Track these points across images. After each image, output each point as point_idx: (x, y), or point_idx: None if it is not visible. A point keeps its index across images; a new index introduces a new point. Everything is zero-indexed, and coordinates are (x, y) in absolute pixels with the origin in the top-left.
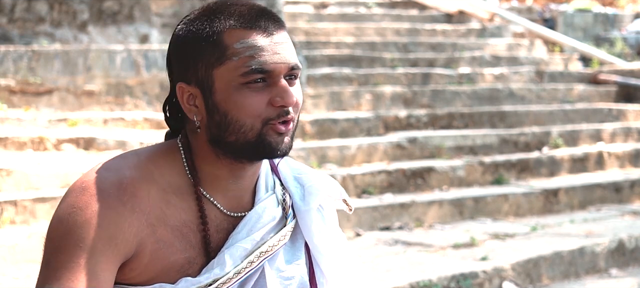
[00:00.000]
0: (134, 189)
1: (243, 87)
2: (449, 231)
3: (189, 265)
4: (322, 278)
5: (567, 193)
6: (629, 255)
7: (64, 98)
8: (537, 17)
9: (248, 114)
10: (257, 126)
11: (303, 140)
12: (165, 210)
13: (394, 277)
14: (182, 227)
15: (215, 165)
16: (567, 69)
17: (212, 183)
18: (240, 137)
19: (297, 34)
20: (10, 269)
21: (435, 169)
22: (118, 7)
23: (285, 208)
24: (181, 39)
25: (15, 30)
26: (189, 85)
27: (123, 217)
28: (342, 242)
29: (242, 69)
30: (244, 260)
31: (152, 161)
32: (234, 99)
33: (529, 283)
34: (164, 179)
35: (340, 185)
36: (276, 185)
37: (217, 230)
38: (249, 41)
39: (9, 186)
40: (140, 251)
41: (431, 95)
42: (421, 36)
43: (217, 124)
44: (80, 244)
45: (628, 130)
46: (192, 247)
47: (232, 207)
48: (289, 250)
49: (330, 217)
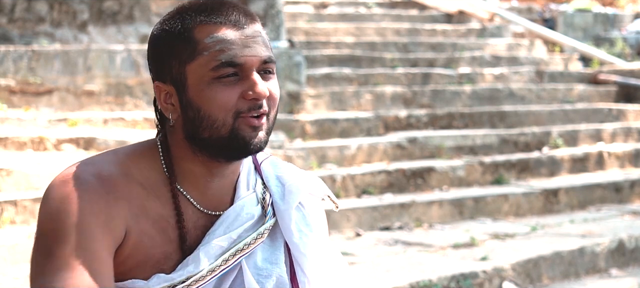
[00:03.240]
0: (114, 182)
1: (214, 82)
2: (449, 231)
3: (164, 260)
4: (303, 277)
5: (567, 193)
6: (629, 255)
7: (64, 98)
8: (537, 17)
9: (220, 108)
10: (229, 121)
11: (303, 140)
12: (145, 202)
13: (394, 277)
14: (161, 221)
15: (192, 163)
16: (567, 69)
17: (190, 181)
18: (213, 132)
19: (297, 34)
20: (10, 269)
21: (435, 169)
22: (118, 7)
23: (265, 207)
24: (156, 38)
25: (15, 30)
26: (165, 84)
27: (110, 204)
28: (327, 243)
29: (213, 63)
30: (219, 259)
31: (129, 158)
32: (206, 93)
33: (529, 283)
34: (142, 175)
35: (323, 183)
36: (257, 183)
37: (194, 227)
38: (218, 35)
39: (9, 186)
40: (126, 240)
41: (431, 95)
42: (421, 36)
43: (191, 120)
44: (76, 230)
45: (628, 130)
46: (170, 242)
47: (210, 204)
48: (267, 249)
49: (313, 217)
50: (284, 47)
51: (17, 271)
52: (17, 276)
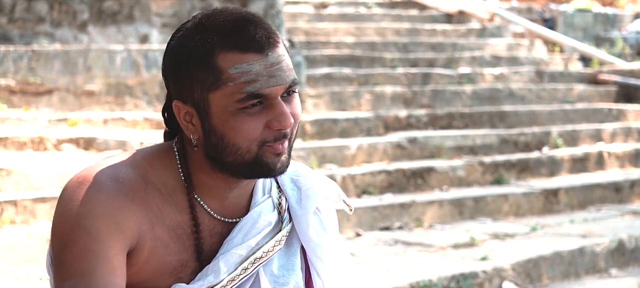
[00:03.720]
0: (131, 183)
1: (239, 112)
2: (449, 231)
3: (181, 268)
4: (319, 282)
5: (567, 193)
6: (629, 255)
7: (64, 98)
8: (537, 17)
9: (245, 138)
10: (254, 149)
11: (303, 140)
12: (162, 208)
13: (394, 277)
14: (177, 228)
15: (211, 177)
16: (567, 69)
17: (206, 191)
18: (237, 158)
19: (297, 34)
20: (10, 269)
21: (435, 169)
22: (118, 7)
23: (281, 212)
24: (176, 57)
25: (15, 30)
26: (185, 104)
27: (125, 205)
28: (340, 246)
29: (238, 95)
30: (239, 267)
31: (147, 161)
32: (231, 124)
33: (529, 283)
34: (159, 180)
35: (338, 186)
36: (273, 187)
37: (211, 234)
38: (244, 66)
39: (9, 186)
40: (141, 245)
41: (431, 95)
42: (421, 36)
43: (214, 145)
44: (89, 234)
45: (628, 130)
46: (186, 249)
47: (226, 213)
48: (283, 255)
49: (329, 220)
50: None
51: (17, 271)
52: (17, 276)
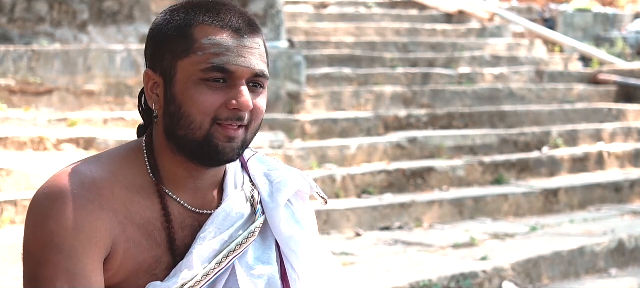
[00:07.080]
0: (97, 188)
1: (201, 83)
2: (449, 231)
3: (156, 265)
4: (294, 274)
5: (567, 193)
6: (629, 255)
7: (64, 98)
8: (537, 17)
9: (199, 110)
10: (206, 125)
11: (303, 140)
12: (131, 208)
13: (394, 277)
14: (147, 225)
15: (173, 163)
16: (567, 69)
17: (174, 182)
18: (188, 133)
19: (297, 34)
20: (10, 269)
21: (435, 169)
22: (118, 7)
23: (254, 205)
24: (157, 26)
25: (15, 30)
26: (155, 73)
27: (94, 215)
28: (317, 241)
29: (204, 65)
30: (212, 262)
31: (113, 162)
32: (190, 93)
33: (529, 283)
34: (126, 179)
35: (312, 180)
36: (245, 181)
37: (182, 227)
38: (216, 38)
39: (9, 186)
40: (115, 251)
41: (431, 95)
42: (421, 36)
43: (171, 115)
44: (61, 252)
45: (628, 130)
46: (158, 245)
47: (197, 203)
48: (259, 248)
49: (303, 214)
50: (284, 47)
51: (17, 271)
52: (17, 276)
